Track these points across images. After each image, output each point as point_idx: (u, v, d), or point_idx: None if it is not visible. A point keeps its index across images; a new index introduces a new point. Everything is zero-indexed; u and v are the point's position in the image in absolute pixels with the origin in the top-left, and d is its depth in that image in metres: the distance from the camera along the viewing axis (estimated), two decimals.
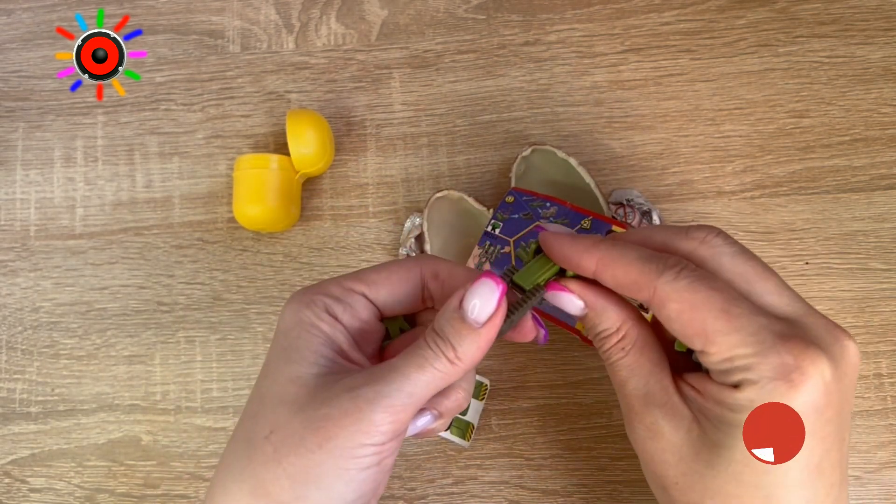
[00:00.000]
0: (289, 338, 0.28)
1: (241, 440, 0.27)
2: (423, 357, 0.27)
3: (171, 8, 0.48)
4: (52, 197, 0.47)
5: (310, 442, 0.25)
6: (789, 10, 0.46)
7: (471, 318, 0.27)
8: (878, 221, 0.43)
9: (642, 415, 0.29)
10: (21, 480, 0.43)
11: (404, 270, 0.30)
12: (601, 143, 0.45)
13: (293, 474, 0.25)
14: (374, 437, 0.26)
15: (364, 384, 0.26)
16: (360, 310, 0.29)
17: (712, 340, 0.27)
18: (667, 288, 0.27)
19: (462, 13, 0.47)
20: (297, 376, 0.27)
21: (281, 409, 0.26)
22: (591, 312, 0.30)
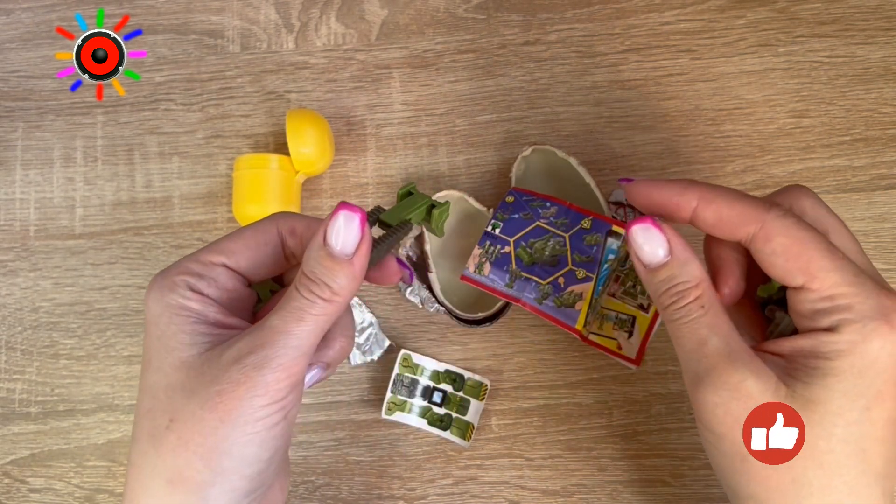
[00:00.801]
0: (160, 325, 0.27)
1: (144, 437, 0.27)
2: (299, 308, 0.26)
3: (170, 8, 0.48)
4: (52, 197, 0.47)
5: (210, 420, 0.25)
6: (789, 10, 0.46)
7: (338, 252, 0.27)
8: (878, 221, 0.43)
9: (727, 374, 0.27)
10: (21, 481, 0.43)
11: (260, 234, 0.30)
12: (601, 142, 0.45)
13: (203, 454, 0.26)
14: (273, 396, 0.26)
15: (249, 352, 0.26)
16: (224, 281, 0.29)
17: (816, 276, 0.27)
18: (776, 223, 0.27)
19: (462, 13, 0.47)
20: (180, 362, 0.27)
21: (175, 396, 0.26)
22: (674, 262, 0.28)
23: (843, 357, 0.26)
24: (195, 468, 0.26)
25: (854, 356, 0.26)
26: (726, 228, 0.29)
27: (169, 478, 0.26)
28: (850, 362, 0.26)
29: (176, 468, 0.26)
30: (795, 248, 0.27)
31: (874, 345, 0.26)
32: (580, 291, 0.37)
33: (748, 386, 0.27)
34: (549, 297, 0.37)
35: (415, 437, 0.42)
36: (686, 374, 0.29)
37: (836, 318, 0.27)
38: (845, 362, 0.26)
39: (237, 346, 0.26)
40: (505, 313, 0.42)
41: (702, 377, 0.28)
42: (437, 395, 0.42)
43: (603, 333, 0.39)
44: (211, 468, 0.26)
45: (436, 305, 0.42)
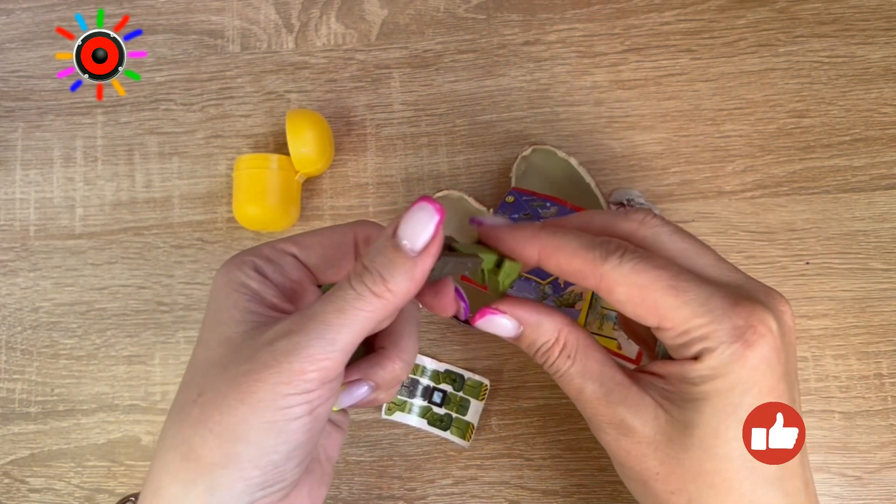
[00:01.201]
0: (217, 300, 0.27)
1: (175, 409, 0.26)
2: (343, 299, 0.25)
3: (170, 8, 0.48)
4: (52, 197, 0.47)
5: (231, 398, 0.24)
6: (789, 10, 0.46)
7: (405, 246, 0.25)
8: (878, 221, 0.43)
9: (609, 415, 0.29)
10: (20, 481, 0.43)
11: (337, 234, 0.29)
12: (601, 142, 0.45)
13: (219, 433, 0.24)
14: (298, 387, 0.25)
15: (283, 335, 0.25)
16: (290, 270, 0.28)
17: (666, 316, 0.27)
18: (613, 273, 0.27)
19: (462, 13, 0.47)
20: (225, 337, 0.26)
21: (210, 370, 0.26)
22: (527, 329, 0.29)
23: (706, 382, 0.27)
24: (209, 446, 0.25)
25: (717, 380, 0.27)
26: (572, 279, 0.29)
27: (184, 452, 0.25)
28: (714, 386, 0.27)
29: (192, 444, 0.25)
30: (638, 295, 0.27)
31: (736, 366, 0.27)
32: (580, 291, 0.37)
33: (629, 422, 0.28)
34: (549, 297, 0.37)
35: (415, 437, 0.42)
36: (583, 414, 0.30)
37: (697, 349, 0.27)
38: (710, 386, 0.27)
39: (276, 327, 0.25)
40: None
41: (590, 420, 0.30)
42: (437, 395, 0.42)
43: (603, 333, 0.39)
44: (224, 449, 0.25)
45: None
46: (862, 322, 0.42)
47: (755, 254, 0.43)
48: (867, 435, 0.41)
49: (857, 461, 0.41)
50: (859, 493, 0.40)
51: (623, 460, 0.29)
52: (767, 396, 0.27)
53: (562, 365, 0.29)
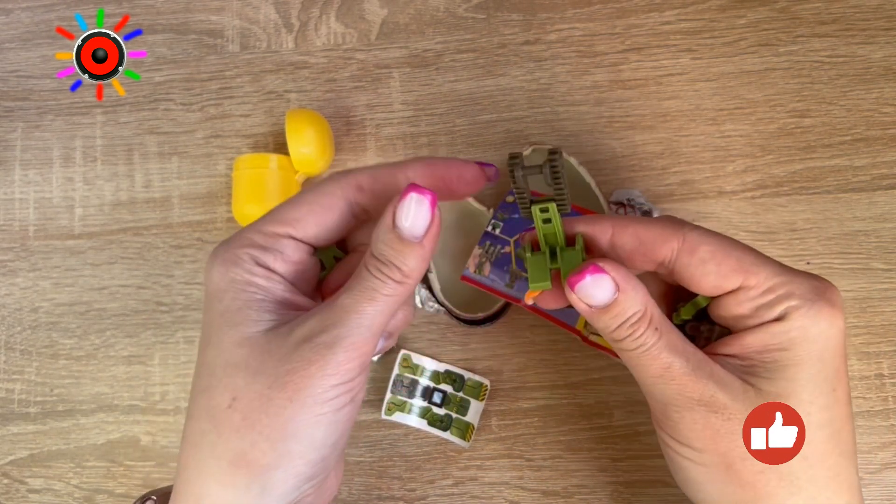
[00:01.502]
0: (224, 301, 0.27)
1: (202, 416, 0.26)
2: (372, 288, 0.26)
3: (170, 7, 0.48)
4: (51, 197, 0.46)
5: (279, 399, 0.25)
6: (790, 10, 0.46)
7: (408, 234, 0.26)
8: (879, 221, 0.43)
9: (699, 391, 0.27)
10: (20, 481, 0.43)
11: (325, 197, 0.28)
12: (602, 142, 0.45)
13: (270, 435, 0.25)
14: (344, 376, 0.25)
15: (321, 331, 0.25)
16: (291, 253, 0.28)
17: (752, 272, 0.27)
18: (695, 233, 0.27)
19: (462, 12, 0.47)
20: (244, 339, 0.26)
21: (237, 374, 0.26)
22: (622, 295, 0.27)
23: (799, 345, 0.26)
24: (261, 449, 0.25)
25: (809, 341, 0.26)
26: (647, 250, 0.28)
27: (231, 459, 0.25)
28: (806, 349, 0.26)
29: (240, 449, 0.25)
30: (722, 251, 0.27)
31: (823, 325, 0.26)
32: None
33: (719, 398, 0.27)
34: None
35: (415, 437, 0.42)
36: (653, 398, 0.28)
37: (783, 307, 0.26)
38: (803, 350, 0.26)
39: (308, 324, 0.26)
40: (505, 313, 0.42)
41: (674, 399, 0.27)
42: (437, 395, 0.42)
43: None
44: (277, 450, 0.25)
45: (436, 305, 0.42)
46: (862, 322, 0.42)
47: None
48: (868, 435, 0.41)
49: (858, 462, 0.40)
50: None
51: (707, 443, 0.27)
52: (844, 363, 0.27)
53: (649, 338, 0.27)
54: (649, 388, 0.28)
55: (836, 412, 0.27)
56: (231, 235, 0.28)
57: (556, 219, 0.27)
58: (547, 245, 0.28)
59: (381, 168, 0.29)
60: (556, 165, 0.26)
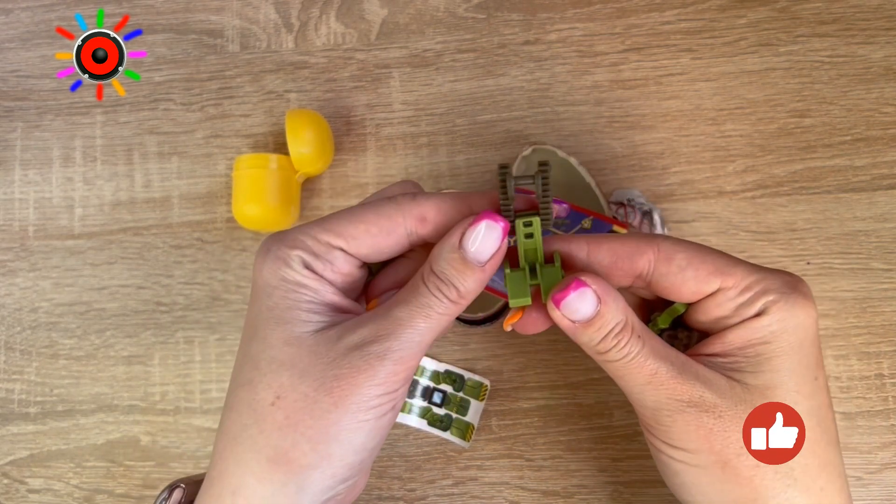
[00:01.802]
0: (273, 297, 0.27)
1: (243, 409, 0.26)
2: (428, 305, 0.26)
3: (170, 7, 0.48)
4: (51, 197, 0.46)
5: (325, 403, 0.25)
6: (790, 10, 0.46)
7: (471, 257, 0.26)
8: (879, 221, 0.43)
9: (687, 392, 0.27)
10: (20, 481, 0.43)
11: (385, 221, 0.28)
12: (602, 142, 0.45)
13: (312, 437, 0.25)
14: (390, 387, 0.26)
15: (372, 340, 0.26)
16: (341, 265, 0.28)
17: (728, 274, 0.27)
18: (668, 243, 0.28)
19: (462, 12, 0.47)
20: (293, 337, 0.26)
21: (282, 372, 0.26)
22: (604, 307, 0.27)
23: (779, 337, 0.27)
24: (301, 450, 0.25)
25: (789, 332, 0.27)
26: (624, 264, 0.28)
27: (271, 456, 0.26)
28: (787, 340, 0.27)
29: (281, 448, 0.25)
30: (698, 257, 0.28)
31: (800, 316, 0.27)
32: None
33: (707, 397, 0.27)
34: None
35: (415, 437, 0.42)
36: (642, 406, 0.28)
37: (762, 303, 0.27)
38: (783, 341, 0.27)
39: (359, 332, 0.26)
40: (505, 313, 0.42)
41: (665, 403, 0.28)
42: (437, 395, 0.42)
43: None
44: (318, 452, 0.25)
45: None
46: (863, 322, 0.42)
47: (756, 254, 0.43)
48: (868, 435, 0.41)
49: (858, 462, 0.41)
50: (860, 494, 0.40)
51: (702, 443, 0.27)
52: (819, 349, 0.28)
53: (634, 347, 0.27)
54: (637, 396, 0.28)
55: (820, 400, 0.28)
56: (283, 231, 0.28)
57: (538, 234, 0.28)
58: (526, 261, 0.28)
59: (448, 199, 0.29)
60: (547, 178, 0.26)
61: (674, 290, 0.28)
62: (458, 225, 0.27)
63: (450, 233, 0.27)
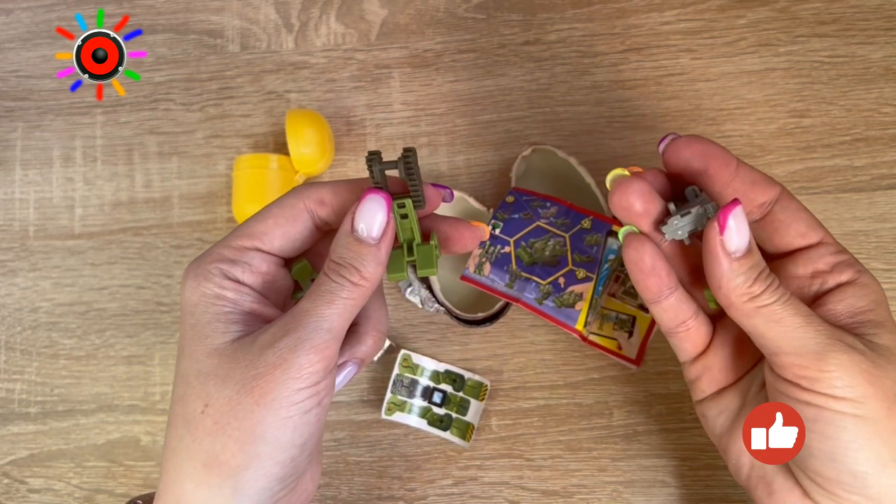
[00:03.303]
0: (195, 314, 0.28)
1: (178, 422, 0.28)
2: (329, 291, 0.27)
3: (170, 7, 0.48)
4: (51, 197, 0.46)
5: (247, 403, 0.26)
6: (790, 10, 0.46)
7: (366, 237, 0.28)
8: (878, 221, 0.43)
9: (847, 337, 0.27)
10: (20, 481, 0.43)
11: (288, 210, 0.30)
12: (602, 142, 0.45)
13: (239, 438, 0.26)
14: (308, 380, 0.27)
15: (282, 336, 0.27)
16: (259, 264, 0.29)
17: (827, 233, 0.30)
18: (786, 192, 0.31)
19: (462, 12, 0.47)
20: (213, 349, 0.27)
21: (208, 382, 0.27)
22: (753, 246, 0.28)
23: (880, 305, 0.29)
24: (230, 451, 0.26)
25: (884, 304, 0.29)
26: (760, 188, 0.30)
27: (205, 461, 0.27)
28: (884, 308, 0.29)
29: (212, 452, 0.27)
30: (806, 209, 0.31)
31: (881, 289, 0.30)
32: (580, 291, 0.37)
33: (858, 345, 0.28)
34: (550, 297, 0.37)
35: (415, 437, 0.42)
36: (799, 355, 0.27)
37: (855, 269, 0.29)
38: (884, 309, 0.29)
39: (270, 330, 0.27)
40: (505, 313, 0.42)
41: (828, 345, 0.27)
42: (437, 395, 0.42)
43: (603, 333, 0.39)
44: (246, 452, 0.26)
45: (436, 305, 0.42)
46: None
47: None
48: None
49: None
50: None
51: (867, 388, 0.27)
52: None
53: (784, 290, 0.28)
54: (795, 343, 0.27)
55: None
56: (203, 253, 0.30)
57: (412, 214, 0.30)
58: (404, 240, 0.30)
59: (343, 183, 0.31)
60: (410, 162, 0.28)
61: (783, 227, 0.30)
62: (348, 213, 0.28)
63: (342, 223, 0.28)
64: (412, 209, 0.29)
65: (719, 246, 0.27)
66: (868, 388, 0.27)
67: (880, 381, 0.27)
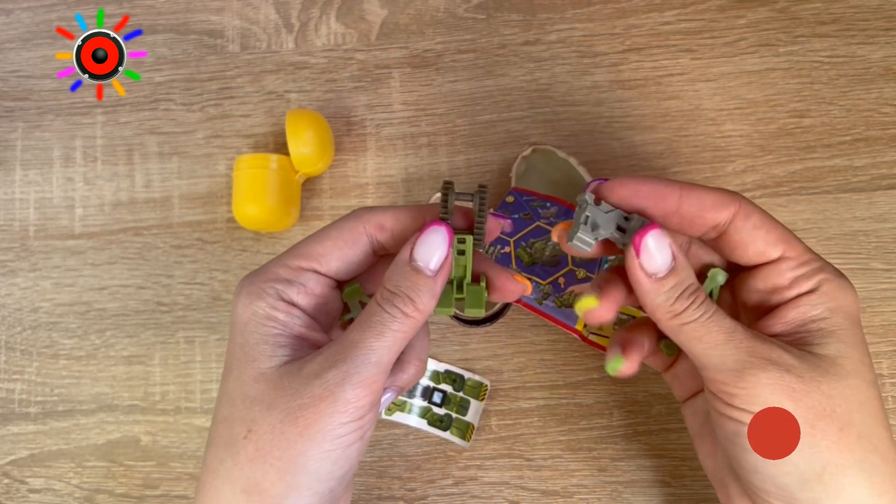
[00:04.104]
0: (245, 334, 0.28)
1: (221, 444, 0.28)
2: (380, 322, 0.27)
3: (170, 7, 0.48)
4: (52, 197, 0.46)
5: (290, 433, 0.26)
6: (790, 10, 0.46)
7: (423, 266, 0.27)
8: (878, 221, 0.43)
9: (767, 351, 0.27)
10: (20, 481, 0.43)
11: (347, 233, 0.29)
12: (602, 142, 0.45)
13: (280, 467, 0.26)
14: (353, 414, 0.26)
15: (330, 367, 0.26)
16: (314, 286, 0.29)
17: (792, 245, 0.29)
18: (747, 203, 0.29)
19: (462, 13, 0.47)
20: (260, 373, 0.27)
21: (254, 407, 0.27)
22: (679, 260, 0.28)
23: (836, 313, 0.28)
24: (270, 480, 0.26)
25: (842, 310, 0.28)
26: (709, 212, 0.29)
27: (244, 487, 0.27)
28: (843, 315, 0.28)
29: (252, 479, 0.26)
30: (769, 222, 0.29)
31: (850, 296, 0.29)
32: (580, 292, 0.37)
33: (786, 358, 0.27)
34: (550, 297, 0.37)
35: (415, 437, 0.42)
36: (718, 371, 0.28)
37: (818, 279, 0.28)
38: (840, 317, 0.28)
39: (317, 360, 0.27)
40: (505, 313, 0.42)
41: (747, 361, 0.27)
42: (437, 395, 0.42)
43: (603, 334, 0.39)
44: (286, 482, 0.26)
45: None
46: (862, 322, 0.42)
47: None
48: None
49: None
50: None
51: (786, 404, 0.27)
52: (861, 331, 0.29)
53: (710, 305, 0.28)
54: (716, 359, 0.28)
55: (874, 373, 0.29)
56: (257, 269, 0.29)
57: (469, 253, 0.29)
58: (455, 276, 0.29)
59: (403, 209, 0.30)
60: (484, 198, 0.28)
61: (740, 247, 0.29)
62: (407, 243, 0.28)
63: (400, 251, 0.28)
64: (471, 248, 0.29)
65: (637, 268, 0.28)
66: (788, 405, 0.27)
67: (805, 397, 0.27)
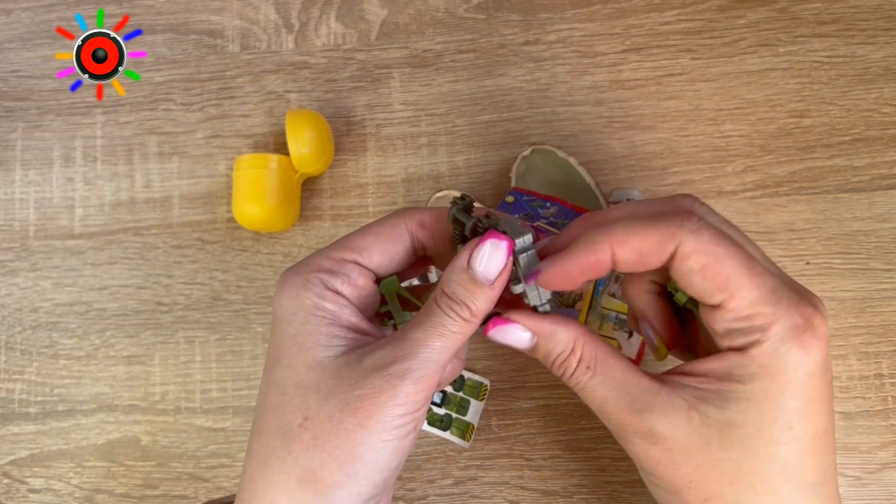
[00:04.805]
0: (294, 324, 0.28)
1: (272, 432, 0.27)
2: (441, 324, 0.27)
3: (170, 7, 0.48)
4: (52, 197, 0.46)
5: (349, 423, 0.26)
6: (790, 10, 0.46)
7: (481, 277, 0.27)
8: (878, 221, 0.43)
9: (636, 424, 0.28)
10: (20, 481, 0.43)
11: (390, 228, 0.30)
12: (601, 142, 0.45)
13: (338, 456, 0.26)
14: (411, 406, 0.27)
15: (392, 361, 0.27)
16: (357, 278, 0.29)
17: (735, 295, 0.26)
18: (691, 239, 0.26)
19: (462, 13, 0.47)
20: (315, 362, 0.27)
21: (309, 396, 0.27)
22: (541, 339, 0.29)
23: (755, 380, 0.26)
24: (329, 469, 0.26)
25: (766, 380, 0.26)
26: (647, 262, 0.27)
27: (300, 476, 0.26)
28: (762, 386, 0.26)
29: (309, 468, 0.26)
30: (712, 266, 0.26)
31: (790, 367, 0.26)
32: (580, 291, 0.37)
33: (658, 429, 0.27)
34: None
35: None
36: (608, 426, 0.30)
37: (750, 339, 0.26)
38: (758, 386, 0.26)
39: (379, 353, 0.27)
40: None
41: (617, 431, 0.29)
42: (437, 395, 0.42)
43: (603, 333, 0.39)
44: (344, 471, 0.26)
45: None
46: (862, 322, 0.42)
47: None
48: (867, 435, 0.41)
49: (858, 461, 0.41)
50: (859, 494, 0.40)
51: (653, 470, 0.28)
52: (815, 402, 0.26)
53: (581, 376, 0.29)
54: (597, 415, 0.30)
55: (793, 448, 0.26)
56: (299, 262, 0.30)
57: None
58: None
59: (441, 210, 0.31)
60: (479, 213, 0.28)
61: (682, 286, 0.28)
62: (466, 246, 0.28)
63: (458, 255, 0.28)
64: None
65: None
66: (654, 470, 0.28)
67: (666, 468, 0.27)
